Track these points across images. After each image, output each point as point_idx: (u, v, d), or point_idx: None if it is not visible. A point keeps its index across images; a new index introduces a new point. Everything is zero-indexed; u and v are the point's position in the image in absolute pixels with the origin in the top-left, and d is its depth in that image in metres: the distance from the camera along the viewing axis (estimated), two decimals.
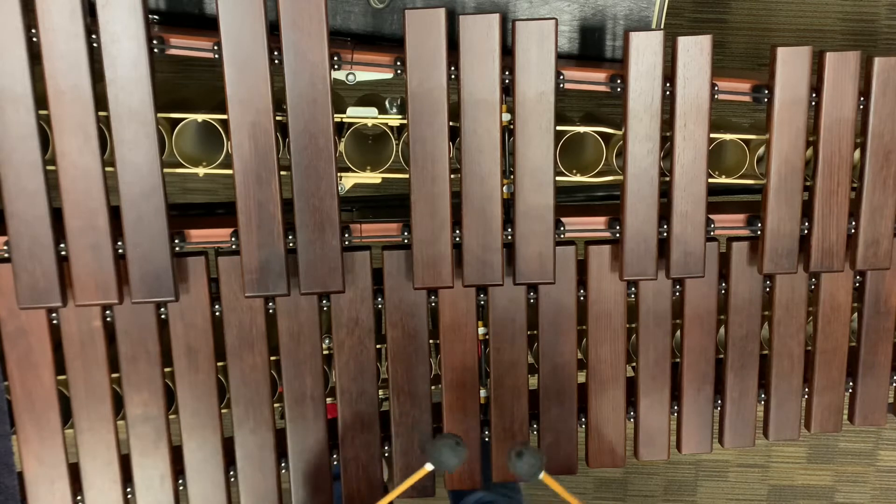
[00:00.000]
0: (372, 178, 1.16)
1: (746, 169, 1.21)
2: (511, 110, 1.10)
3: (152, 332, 1.13)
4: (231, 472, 1.21)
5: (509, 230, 1.14)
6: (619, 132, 1.15)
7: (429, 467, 1.01)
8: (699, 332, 1.23)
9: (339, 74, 1.10)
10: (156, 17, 1.18)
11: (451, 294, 1.17)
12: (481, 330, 1.20)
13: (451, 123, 1.09)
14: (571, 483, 2.17)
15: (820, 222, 1.19)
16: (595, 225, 1.18)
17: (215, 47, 1.05)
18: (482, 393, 1.23)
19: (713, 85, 1.12)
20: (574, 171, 1.18)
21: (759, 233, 1.20)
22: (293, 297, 1.14)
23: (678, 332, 1.26)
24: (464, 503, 1.53)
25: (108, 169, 1.05)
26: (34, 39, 1.01)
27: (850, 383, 1.30)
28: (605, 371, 1.23)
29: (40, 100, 1.02)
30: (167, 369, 1.16)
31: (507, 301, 1.18)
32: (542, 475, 1.02)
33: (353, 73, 1.11)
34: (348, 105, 1.14)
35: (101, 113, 1.04)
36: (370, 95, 1.26)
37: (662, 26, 1.21)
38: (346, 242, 1.13)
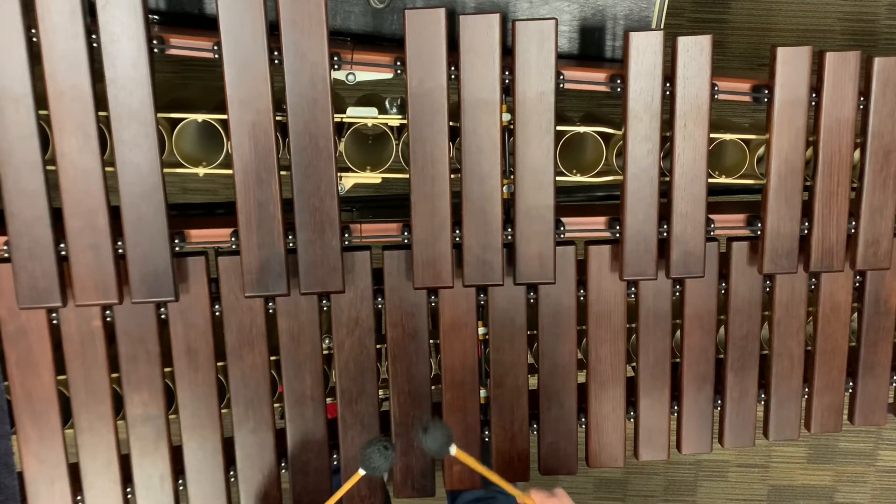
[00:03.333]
0: (372, 178, 1.16)
1: (746, 169, 1.21)
2: (511, 110, 1.10)
3: (152, 332, 1.13)
4: (231, 472, 1.21)
5: (509, 230, 1.14)
6: (619, 132, 1.15)
7: (361, 472, 0.99)
8: (699, 332, 1.23)
9: (339, 74, 1.10)
10: (156, 17, 1.18)
11: (451, 294, 1.17)
12: (481, 330, 1.20)
13: (451, 123, 1.09)
14: (571, 483, 2.18)
15: (820, 222, 1.19)
16: (595, 225, 1.18)
17: (215, 47, 1.05)
18: (482, 393, 1.23)
19: (713, 85, 1.12)
20: (574, 171, 1.18)
21: (759, 233, 1.20)
22: (293, 297, 1.14)
23: (678, 332, 1.26)
24: (460, 500, 1.53)
25: (108, 169, 1.05)
26: (34, 39, 1.01)
27: (850, 383, 1.30)
28: (605, 371, 1.23)
29: (40, 100, 1.02)
30: (167, 369, 1.16)
31: (507, 301, 1.18)
32: (455, 451, 0.98)
33: (353, 73, 1.11)
34: (348, 105, 1.14)
35: (101, 113, 1.04)
36: (370, 95, 1.26)
37: (662, 26, 1.21)
38: (346, 242, 1.13)
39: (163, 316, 1.14)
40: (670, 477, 2.20)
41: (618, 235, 1.17)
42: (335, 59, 1.08)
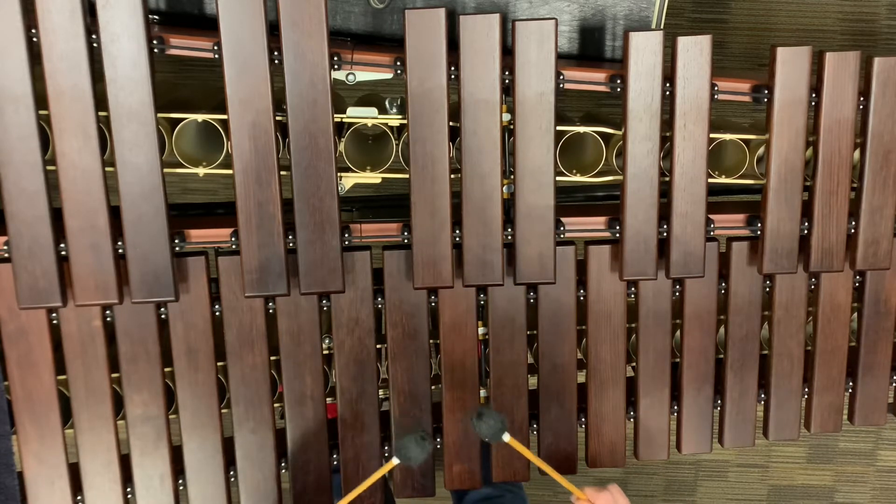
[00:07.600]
0: (372, 178, 1.16)
1: (746, 169, 1.21)
2: (511, 110, 1.10)
3: (152, 332, 1.13)
4: (231, 472, 1.21)
5: (509, 230, 1.14)
6: (619, 132, 1.15)
7: (395, 461, 1.03)
8: (699, 332, 1.23)
9: (339, 74, 1.10)
10: (156, 17, 1.18)
11: (451, 294, 1.17)
12: (481, 330, 1.20)
13: (451, 123, 1.09)
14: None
15: (820, 222, 1.19)
16: (595, 225, 1.18)
17: (215, 47, 1.05)
18: (482, 393, 1.23)
19: (713, 85, 1.12)
20: (574, 171, 1.18)
21: (759, 233, 1.20)
22: (293, 297, 1.14)
23: (678, 332, 1.26)
24: (467, 500, 1.53)
25: (108, 169, 1.05)
26: (34, 39, 1.01)
27: (850, 383, 1.30)
28: (605, 371, 1.23)
29: (40, 100, 1.02)
30: (167, 369, 1.16)
31: (507, 301, 1.18)
32: (508, 438, 1.03)
33: (353, 73, 1.11)
34: (348, 105, 1.14)
35: (101, 113, 1.04)
36: (370, 95, 1.26)
37: (662, 26, 1.21)
38: (346, 242, 1.13)
39: (163, 316, 1.14)
40: (670, 477, 2.20)
41: (618, 235, 1.17)
42: (335, 59, 1.08)
